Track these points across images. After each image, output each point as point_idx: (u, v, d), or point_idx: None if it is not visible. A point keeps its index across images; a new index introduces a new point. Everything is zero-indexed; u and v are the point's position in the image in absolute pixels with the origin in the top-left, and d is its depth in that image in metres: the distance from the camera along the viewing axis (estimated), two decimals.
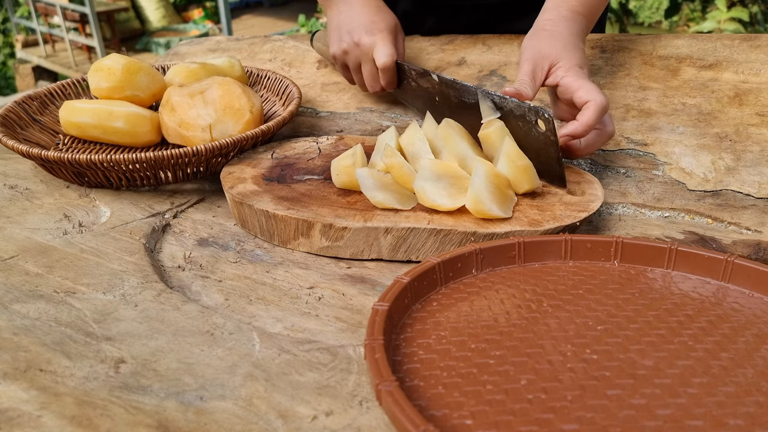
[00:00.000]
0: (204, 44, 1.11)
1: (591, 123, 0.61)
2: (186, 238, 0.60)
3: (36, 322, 0.45)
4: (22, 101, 0.78)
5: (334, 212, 0.56)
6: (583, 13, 0.71)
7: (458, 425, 0.35)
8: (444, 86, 0.69)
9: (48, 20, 5.47)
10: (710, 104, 0.71)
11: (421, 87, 0.74)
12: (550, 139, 0.58)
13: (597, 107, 0.61)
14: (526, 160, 0.58)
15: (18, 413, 0.36)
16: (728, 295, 0.47)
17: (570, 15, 0.70)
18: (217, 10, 5.51)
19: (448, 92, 0.68)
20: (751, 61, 0.72)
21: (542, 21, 0.70)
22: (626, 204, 0.65)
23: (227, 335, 0.45)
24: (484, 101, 0.62)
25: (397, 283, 0.46)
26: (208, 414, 0.37)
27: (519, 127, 0.61)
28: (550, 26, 0.69)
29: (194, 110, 0.70)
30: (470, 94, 0.64)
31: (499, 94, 0.61)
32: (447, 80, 0.68)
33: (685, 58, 0.75)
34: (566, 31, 0.68)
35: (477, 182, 0.54)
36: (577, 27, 0.69)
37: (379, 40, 0.77)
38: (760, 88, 0.70)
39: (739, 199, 0.63)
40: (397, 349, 0.42)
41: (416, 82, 0.75)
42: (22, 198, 0.67)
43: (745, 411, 0.36)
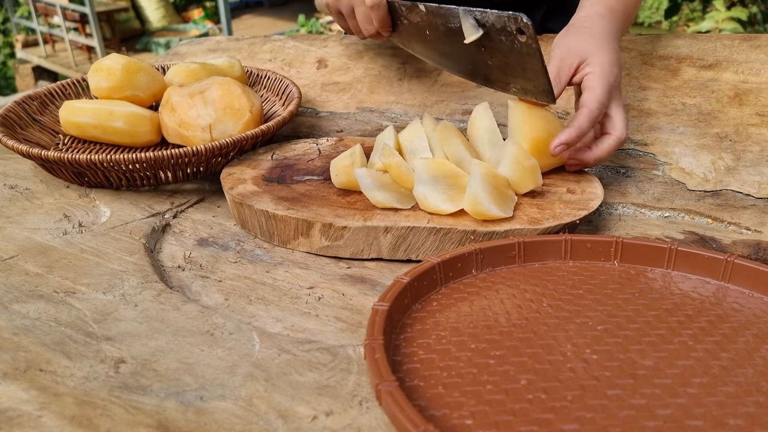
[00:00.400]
0: (204, 44, 1.11)
1: (582, 127, 0.59)
2: (186, 238, 0.60)
3: (36, 322, 0.45)
4: (22, 101, 0.78)
5: (333, 212, 0.56)
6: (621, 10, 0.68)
7: (458, 425, 0.35)
8: (431, 15, 0.66)
9: (48, 20, 5.47)
10: (710, 104, 0.71)
11: (413, 23, 0.70)
12: (532, 47, 0.56)
13: (588, 112, 0.59)
14: (532, 160, 0.58)
15: (18, 413, 0.36)
16: (728, 295, 0.47)
17: (606, 13, 0.67)
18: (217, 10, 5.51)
19: (436, 21, 0.66)
20: (751, 61, 0.72)
21: (577, 18, 0.68)
22: (626, 204, 0.65)
23: (227, 335, 0.45)
24: (465, 20, 0.60)
25: (397, 283, 0.46)
26: (208, 414, 0.37)
27: (502, 41, 0.59)
28: (585, 23, 0.66)
29: (194, 110, 0.70)
30: (455, 17, 0.62)
31: (480, 9, 0.59)
32: (432, 8, 0.65)
33: (685, 58, 0.75)
34: (600, 28, 0.65)
35: (474, 184, 0.54)
36: (613, 25, 0.66)
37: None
38: (760, 88, 0.70)
39: (739, 199, 0.63)
40: (397, 349, 0.42)
41: (407, 19, 0.71)
42: (22, 198, 0.67)
43: (745, 411, 0.36)
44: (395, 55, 0.91)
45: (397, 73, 0.89)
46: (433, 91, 0.85)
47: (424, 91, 0.85)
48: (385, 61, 0.91)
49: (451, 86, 0.85)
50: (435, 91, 0.85)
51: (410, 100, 0.85)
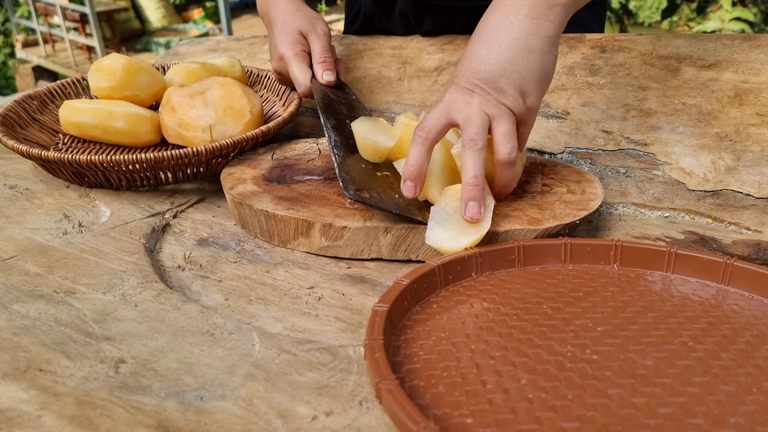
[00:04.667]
0: (204, 44, 1.11)
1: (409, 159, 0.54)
2: (186, 238, 0.60)
3: (36, 322, 0.45)
4: (21, 101, 0.78)
5: (333, 212, 0.56)
6: None
7: (458, 424, 0.35)
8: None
9: (48, 20, 5.47)
10: (710, 104, 0.71)
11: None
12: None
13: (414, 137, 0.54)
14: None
15: (18, 413, 0.36)
16: (728, 298, 0.47)
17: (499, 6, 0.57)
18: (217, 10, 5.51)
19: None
20: (751, 61, 0.72)
21: None
22: (626, 204, 0.65)
23: (227, 335, 0.45)
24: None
25: (396, 285, 0.46)
26: (208, 414, 0.37)
27: None
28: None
29: (194, 111, 0.70)
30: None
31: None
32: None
33: (685, 58, 0.75)
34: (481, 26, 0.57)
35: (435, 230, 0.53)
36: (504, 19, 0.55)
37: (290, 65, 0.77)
38: (760, 88, 0.70)
39: (739, 199, 0.63)
40: (397, 350, 0.42)
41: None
42: (22, 198, 0.67)
43: (746, 409, 0.36)
44: (395, 56, 0.91)
45: (397, 73, 0.89)
46: (433, 91, 0.85)
47: (424, 91, 0.85)
48: (385, 61, 0.91)
49: None
50: (435, 91, 0.85)
51: (410, 100, 0.85)
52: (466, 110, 0.54)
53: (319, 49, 0.78)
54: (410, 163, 0.53)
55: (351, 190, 0.54)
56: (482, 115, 0.54)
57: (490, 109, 0.54)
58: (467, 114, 0.54)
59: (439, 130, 0.54)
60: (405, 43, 0.92)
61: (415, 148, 0.54)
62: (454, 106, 0.55)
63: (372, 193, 0.56)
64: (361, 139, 0.61)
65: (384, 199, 0.55)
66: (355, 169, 0.59)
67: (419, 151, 0.53)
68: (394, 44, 0.93)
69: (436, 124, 0.54)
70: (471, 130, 0.53)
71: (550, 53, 0.55)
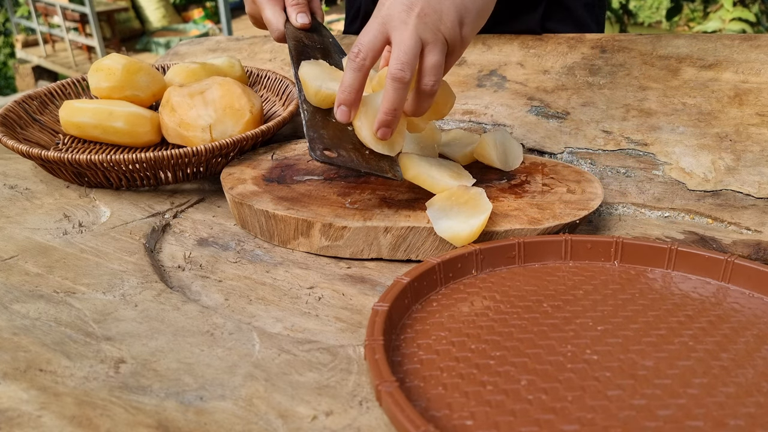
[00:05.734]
0: (204, 44, 1.11)
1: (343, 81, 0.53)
2: (186, 238, 0.60)
3: (36, 322, 0.45)
4: (22, 101, 0.78)
5: (333, 212, 0.56)
6: None
7: (458, 426, 0.35)
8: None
9: (48, 20, 5.46)
10: (710, 104, 0.71)
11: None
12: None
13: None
14: None
15: (18, 413, 0.36)
16: (728, 296, 0.47)
17: None
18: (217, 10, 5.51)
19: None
20: (751, 61, 0.72)
21: None
22: (626, 204, 0.65)
23: (227, 335, 0.45)
24: None
25: (396, 283, 0.46)
26: (208, 414, 0.37)
27: None
28: None
29: (194, 110, 0.70)
30: None
31: None
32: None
33: (685, 58, 0.75)
34: None
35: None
36: None
37: (262, 7, 0.70)
38: (760, 88, 0.70)
39: (739, 199, 0.63)
40: (397, 349, 0.42)
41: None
42: (22, 198, 0.67)
43: (746, 411, 0.36)
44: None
45: None
46: None
47: None
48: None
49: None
50: None
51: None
52: (402, 30, 0.51)
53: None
54: (344, 87, 0.52)
55: (318, 150, 0.53)
56: (417, 41, 0.51)
57: (426, 34, 0.51)
58: (402, 36, 0.51)
59: (376, 52, 0.52)
60: None
61: (350, 73, 0.52)
62: (391, 23, 0.51)
63: (340, 151, 0.54)
64: (309, 84, 0.58)
65: (354, 158, 0.54)
66: (325, 125, 0.57)
67: (355, 78, 0.52)
68: None
69: (371, 47, 0.52)
70: (401, 58, 0.50)
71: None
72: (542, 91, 0.79)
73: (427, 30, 0.51)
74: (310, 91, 0.58)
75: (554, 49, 0.82)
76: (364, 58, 0.52)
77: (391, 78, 0.50)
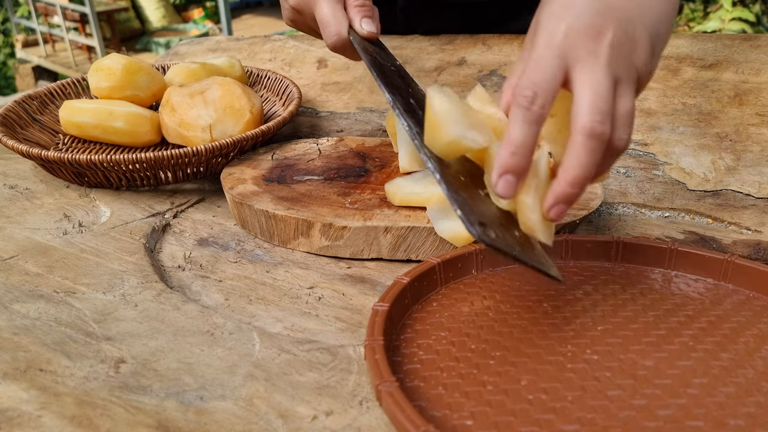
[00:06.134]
0: (204, 44, 1.11)
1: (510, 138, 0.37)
2: (186, 238, 0.60)
3: (36, 322, 0.45)
4: (22, 101, 0.78)
5: (333, 212, 0.56)
6: None
7: (458, 426, 0.35)
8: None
9: (48, 20, 5.46)
10: (710, 104, 0.71)
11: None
12: None
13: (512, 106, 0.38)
14: None
15: (18, 413, 0.36)
16: (728, 296, 0.47)
17: None
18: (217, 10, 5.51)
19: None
20: (752, 61, 0.72)
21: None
22: (626, 204, 0.65)
23: (227, 335, 0.45)
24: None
25: (397, 283, 0.46)
26: (208, 414, 0.37)
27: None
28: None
29: (194, 110, 0.70)
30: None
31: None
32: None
33: (685, 58, 0.75)
34: None
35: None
36: None
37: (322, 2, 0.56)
38: (760, 87, 0.70)
39: (739, 199, 0.63)
40: (397, 349, 0.42)
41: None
42: (22, 198, 0.67)
43: (746, 411, 0.36)
44: (395, 55, 0.91)
45: None
46: None
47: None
48: None
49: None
50: None
51: None
52: (592, 65, 0.37)
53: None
54: (514, 147, 0.37)
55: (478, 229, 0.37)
56: (612, 81, 0.37)
57: (620, 70, 0.37)
58: (594, 75, 0.36)
59: (555, 94, 0.37)
60: (405, 43, 0.92)
61: (521, 126, 0.37)
62: (573, 53, 0.37)
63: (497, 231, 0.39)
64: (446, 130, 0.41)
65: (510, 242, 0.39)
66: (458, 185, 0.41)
67: (530, 133, 0.37)
68: (394, 44, 0.93)
69: (550, 89, 0.37)
70: (599, 105, 0.36)
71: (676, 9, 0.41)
72: None
73: (620, 65, 0.38)
74: (441, 138, 0.41)
75: None
76: (542, 105, 0.37)
77: (587, 134, 0.36)
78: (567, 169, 0.37)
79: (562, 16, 0.38)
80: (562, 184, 0.37)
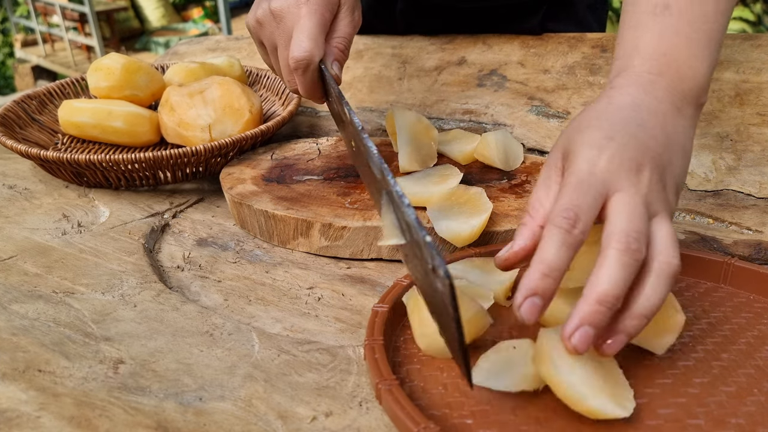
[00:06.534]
0: (203, 44, 1.11)
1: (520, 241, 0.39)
2: (185, 239, 0.60)
3: (35, 322, 0.45)
4: (21, 100, 0.78)
5: (333, 212, 0.56)
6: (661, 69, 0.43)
7: (459, 424, 0.35)
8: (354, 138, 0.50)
9: (47, 20, 5.46)
10: (711, 104, 0.71)
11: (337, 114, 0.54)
12: (447, 309, 0.32)
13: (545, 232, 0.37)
14: None
15: (17, 414, 0.36)
16: (728, 298, 0.47)
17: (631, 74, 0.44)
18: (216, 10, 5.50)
19: (358, 146, 0.48)
20: (752, 61, 0.71)
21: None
22: None
23: (226, 336, 0.45)
24: (386, 212, 0.41)
25: (397, 285, 0.45)
26: (207, 415, 0.37)
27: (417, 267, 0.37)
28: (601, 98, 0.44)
29: (194, 110, 0.70)
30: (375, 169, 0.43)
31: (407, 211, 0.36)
32: (357, 137, 0.47)
33: None
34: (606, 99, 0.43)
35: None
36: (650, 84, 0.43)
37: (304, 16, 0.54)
38: (761, 87, 0.69)
39: (740, 199, 0.63)
40: (397, 350, 0.42)
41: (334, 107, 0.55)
42: (21, 198, 0.66)
43: (746, 410, 0.36)
44: (395, 55, 0.91)
45: (397, 72, 0.89)
46: (433, 91, 0.85)
47: (424, 90, 0.85)
48: (385, 60, 0.91)
49: (451, 86, 0.85)
50: (435, 91, 0.85)
51: (410, 99, 0.85)
52: (632, 194, 0.37)
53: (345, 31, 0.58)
54: (549, 268, 0.35)
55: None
56: (646, 209, 0.37)
57: (657, 203, 0.38)
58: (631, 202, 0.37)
59: (593, 217, 0.37)
60: (405, 42, 0.92)
61: (558, 247, 0.35)
62: (616, 183, 0.38)
63: None
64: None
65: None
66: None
67: (566, 256, 0.36)
68: (394, 44, 0.93)
69: (591, 213, 0.37)
70: (636, 224, 0.36)
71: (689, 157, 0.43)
72: (543, 91, 0.79)
73: (657, 198, 0.39)
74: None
75: (555, 48, 0.82)
76: (583, 230, 0.36)
77: (623, 249, 0.35)
78: (594, 285, 0.35)
79: (603, 146, 0.39)
80: (589, 301, 0.34)
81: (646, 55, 0.44)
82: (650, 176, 0.38)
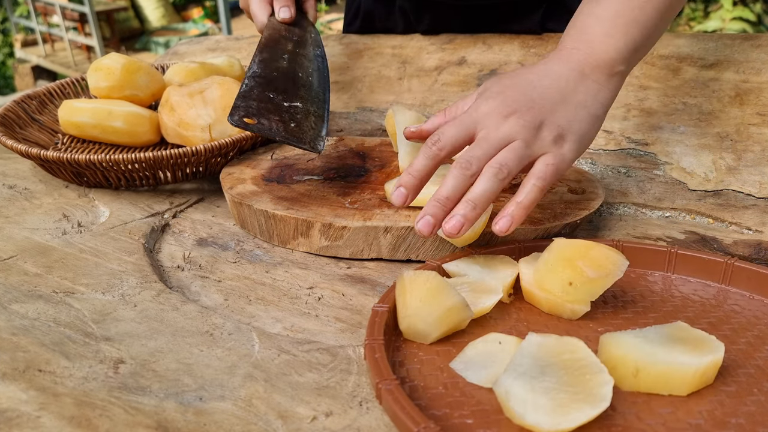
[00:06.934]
0: (203, 43, 1.11)
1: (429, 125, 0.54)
2: (185, 238, 0.60)
3: (35, 322, 0.45)
4: (21, 100, 0.78)
5: (333, 212, 0.56)
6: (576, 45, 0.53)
7: (459, 424, 0.35)
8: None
9: (47, 20, 5.46)
10: (711, 104, 0.71)
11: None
12: None
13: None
14: None
15: (17, 414, 0.36)
16: (728, 298, 0.47)
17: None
18: (216, 10, 5.50)
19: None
20: (752, 61, 0.71)
21: None
22: (627, 204, 0.65)
23: (226, 335, 0.45)
24: None
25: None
26: (207, 415, 0.37)
27: None
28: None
29: (194, 110, 0.69)
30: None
31: None
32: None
33: (686, 58, 0.75)
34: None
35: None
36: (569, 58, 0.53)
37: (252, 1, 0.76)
38: (761, 87, 0.69)
39: (739, 199, 0.63)
40: (397, 350, 0.42)
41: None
42: (21, 198, 0.66)
43: (746, 410, 0.36)
44: (395, 55, 0.91)
45: (397, 72, 0.89)
46: (433, 90, 0.85)
47: (425, 90, 0.85)
48: (385, 60, 0.91)
49: (451, 85, 0.85)
50: (435, 90, 0.85)
51: (410, 99, 0.85)
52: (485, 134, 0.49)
53: None
54: (412, 170, 0.48)
55: (236, 116, 0.54)
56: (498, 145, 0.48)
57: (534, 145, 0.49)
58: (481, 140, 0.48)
59: (456, 147, 0.49)
60: (405, 42, 0.92)
61: (423, 160, 0.49)
62: (481, 125, 0.49)
63: (262, 120, 0.56)
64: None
65: (273, 127, 0.56)
66: (259, 98, 0.58)
67: (426, 166, 0.49)
68: (394, 43, 0.93)
69: (453, 142, 0.49)
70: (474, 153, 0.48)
71: (600, 119, 0.52)
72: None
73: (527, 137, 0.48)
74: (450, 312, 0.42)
75: (554, 48, 0.82)
76: (442, 147, 0.49)
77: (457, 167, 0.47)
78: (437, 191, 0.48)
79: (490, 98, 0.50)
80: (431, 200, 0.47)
81: (573, 33, 0.55)
82: (517, 121, 0.48)
